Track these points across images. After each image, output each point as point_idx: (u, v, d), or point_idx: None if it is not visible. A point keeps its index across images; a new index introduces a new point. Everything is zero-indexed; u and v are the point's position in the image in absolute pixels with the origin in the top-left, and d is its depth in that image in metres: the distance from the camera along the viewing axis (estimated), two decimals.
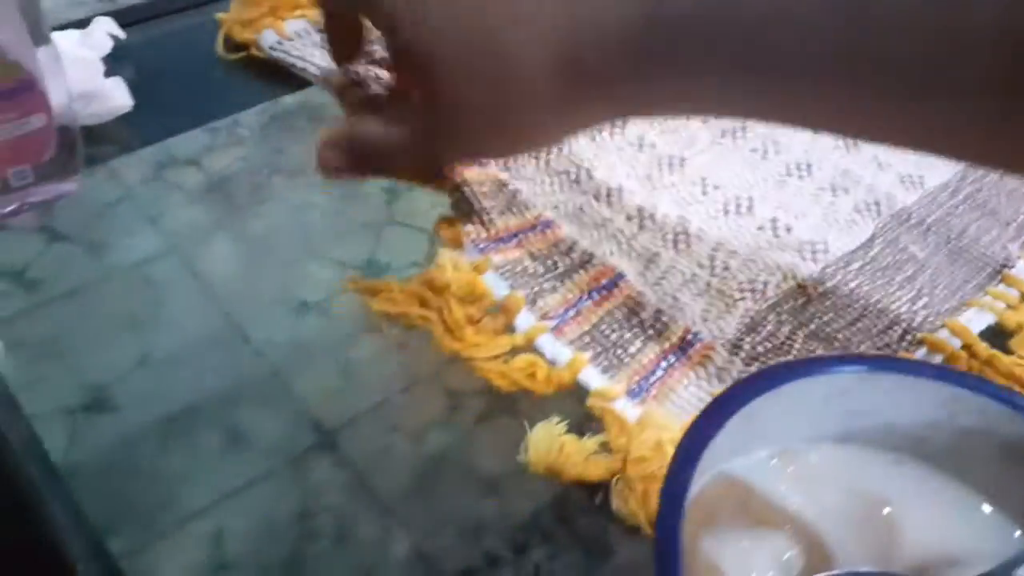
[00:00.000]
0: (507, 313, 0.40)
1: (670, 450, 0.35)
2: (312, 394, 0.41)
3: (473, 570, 0.35)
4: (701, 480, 0.27)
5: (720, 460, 0.27)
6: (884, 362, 0.27)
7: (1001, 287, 0.46)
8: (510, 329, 0.40)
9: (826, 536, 0.26)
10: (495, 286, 0.41)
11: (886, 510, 0.27)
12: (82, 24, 0.53)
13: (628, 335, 0.41)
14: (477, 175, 0.46)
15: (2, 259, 0.45)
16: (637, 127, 0.52)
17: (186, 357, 0.42)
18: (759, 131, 0.53)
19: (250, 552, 0.36)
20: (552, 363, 0.39)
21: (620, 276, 0.44)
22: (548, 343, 0.39)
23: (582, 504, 0.36)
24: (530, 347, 0.39)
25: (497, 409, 0.40)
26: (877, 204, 0.50)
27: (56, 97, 0.43)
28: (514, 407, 0.39)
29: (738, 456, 0.28)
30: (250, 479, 0.38)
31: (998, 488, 0.27)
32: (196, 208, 0.49)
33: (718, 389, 0.38)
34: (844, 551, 0.26)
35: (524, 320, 0.40)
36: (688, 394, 0.39)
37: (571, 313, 0.42)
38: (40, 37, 0.42)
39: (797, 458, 0.28)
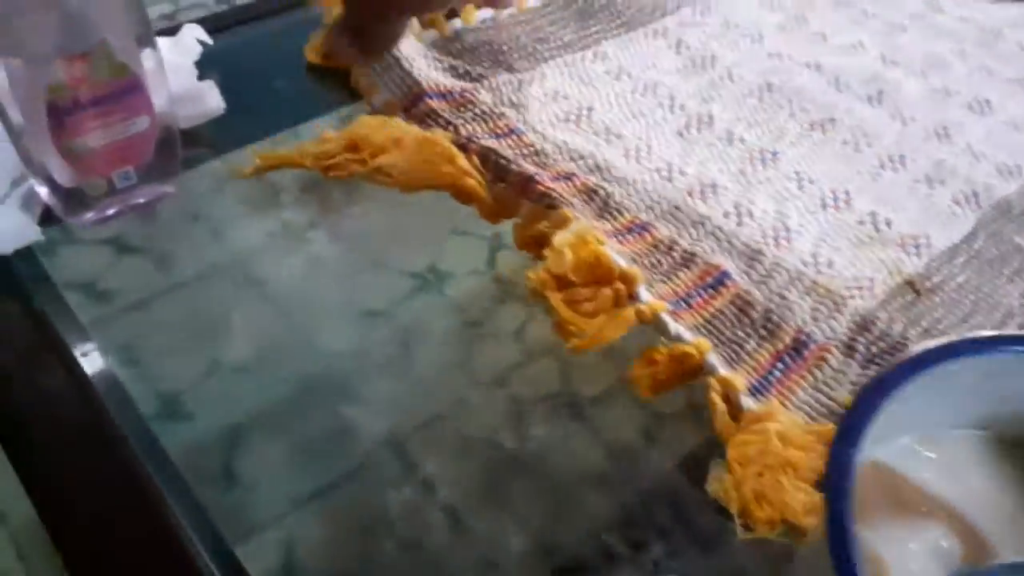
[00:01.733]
0: (628, 283, 0.39)
1: (776, 440, 0.34)
2: (381, 400, 0.41)
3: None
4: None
5: (866, 447, 0.26)
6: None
7: None
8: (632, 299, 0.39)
9: (980, 525, 0.26)
10: (617, 261, 0.41)
11: None
12: (172, 31, 0.54)
13: (741, 334, 0.40)
14: (565, 188, 0.45)
15: (73, 271, 0.46)
16: (724, 122, 0.52)
17: (254, 366, 0.42)
18: (847, 123, 0.52)
19: (321, 560, 0.36)
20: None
21: (725, 274, 0.43)
22: (670, 323, 0.39)
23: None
24: (653, 321, 0.39)
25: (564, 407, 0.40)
26: (976, 195, 0.48)
27: (158, 99, 0.44)
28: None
29: (881, 442, 0.27)
30: (319, 487, 0.38)
31: None
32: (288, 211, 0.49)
33: (837, 393, 0.38)
34: (1000, 542, 0.25)
35: (645, 295, 0.40)
36: (807, 396, 0.38)
37: (683, 305, 0.41)
38: (145, 39, 0.42)
39: (940, 445, 0.27)
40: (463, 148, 0.46)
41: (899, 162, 0.50)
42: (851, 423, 0.23)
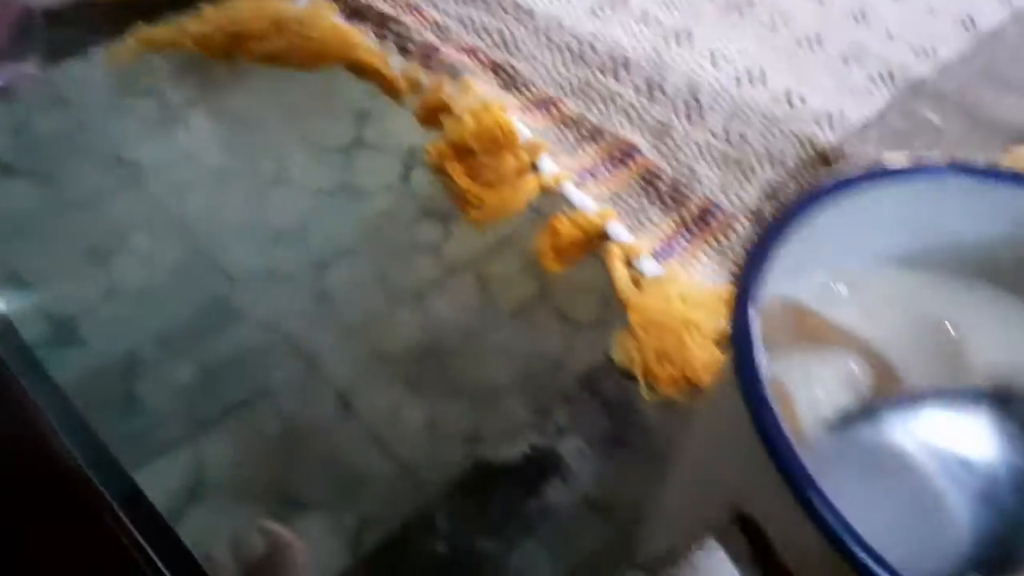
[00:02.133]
0: (530, 151, 0.37)
1: (677, 301, 0.33)
2: (283, 320, 0.38)
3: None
4: (765, 297, 0.25)
5: (776, 283, 0.25)
6: (955, 167, 0.25)
7: (1021, 150, 0.44)
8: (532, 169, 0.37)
9: (893, 356, 0.24)
10: (520, 130, 0.38)
11: (953, 333, 0.25)
12: None
13: (647, 204, 0.38)
14: (469, 62, 0.43)
15: None
16: (639, 3, 0.50)
17: (155, 288, 0.39)
18: (765, 4, 0.51)
19: (233, 476, 0.34)
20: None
21: (634, 149, 0.41)
22: (573, 192, 0.37)
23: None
24: (556, 191, 0.37)
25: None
26: (891, 75, 0.47)
27: None
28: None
29: (795, 279, 0.25)
30: (228, 407, 0.36)
31: None
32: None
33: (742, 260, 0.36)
34: (909, 372, 0.24)
35: (548, 164, 0.38)
36: (712, 262, 0.37)
37: (588, 178, 0.39)
38: None
39: (858, 282, 0.26)
40: (357, 16, 0.43)
41: (816, 42, 0.49)
42: (758, 244, 0.22)
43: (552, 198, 0.38)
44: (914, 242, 0.26)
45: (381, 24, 0.43)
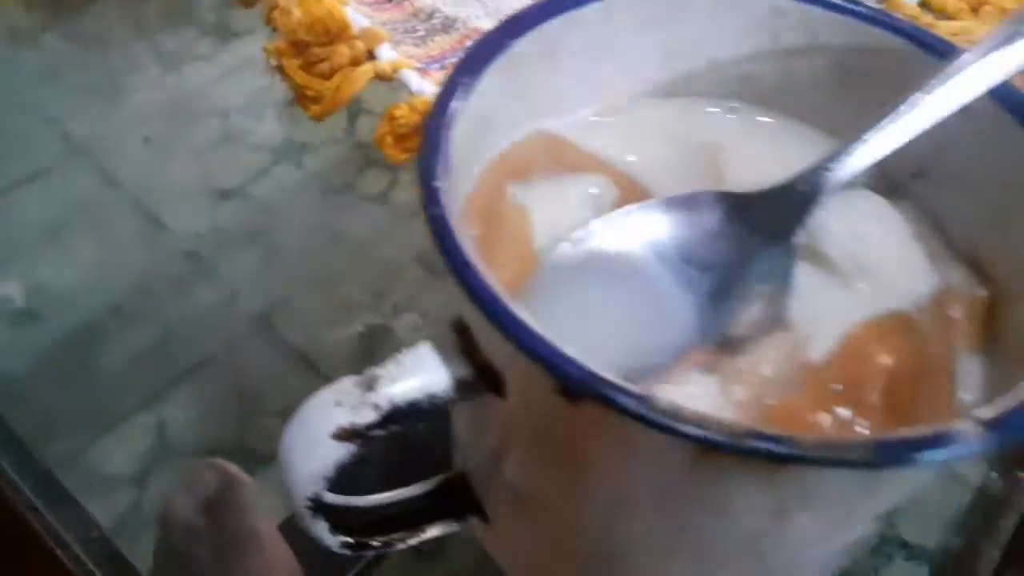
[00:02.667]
0: (368, 41, 0.37)
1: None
2: (236, 279, 0.39)
3: None
4: (513, 135, 0.25)
5: (534, 116, 0.25)
6: None
7: None
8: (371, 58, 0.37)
9: (644, 179, 0.24)
10: (355, 19, 0.38)
11: (714, 155, 0.25)
12: None
13: None
14: None
15: None
16: None
17: (106, 257, 0.40)
18: None
19: (194, 436, 0.34)
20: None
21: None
22: (413, 78, 0.37)
23: None
24: (393, 77, 0.37)
25: None
26: None
27: None
28: None
29: (557, 114, 0.25)
30: (186, 368, 0.36)
31: (832, 116, 0.25)
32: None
33: None
34: (662, 191, 0.24)
35: (387, 52, 0.38)
36: None
37: (435, 66, 0.39)
38: None
39: (622, 113, 0.26)
40: None
41: None
42: (454, 73, 0.22)
43: (396, 90, 0.38)
44: (672, 65, 0.26)
45: None
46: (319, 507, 0.20)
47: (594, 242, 0.22)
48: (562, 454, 0.19)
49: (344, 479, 0.22)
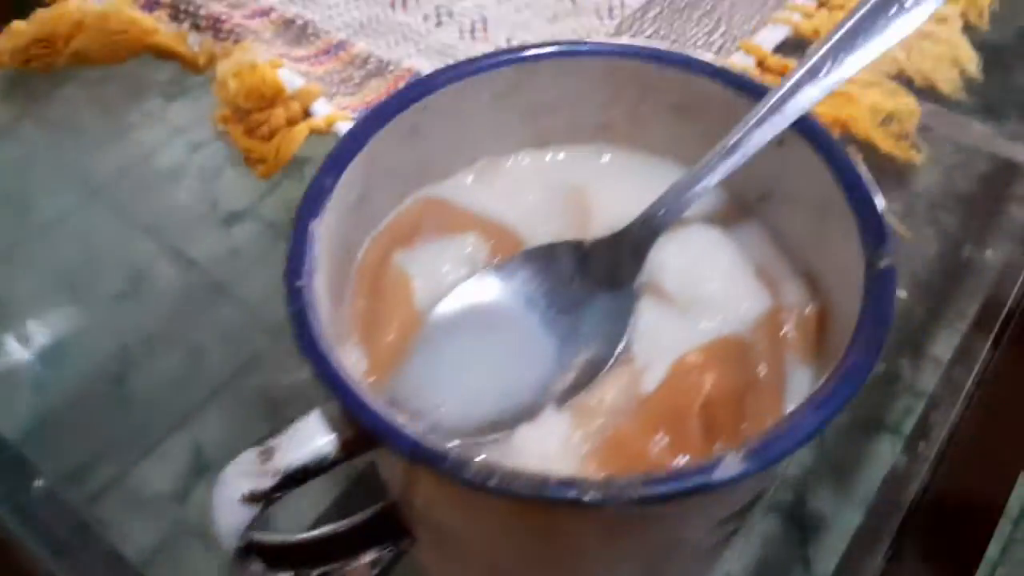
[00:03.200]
0: (302, 100, 0.41)
1: None
2: (255, 297, 0.42)
3: None
4: (397, 206, 0.28)
5: (414, 185, 0.28)
6: (531, 50, 0.27)
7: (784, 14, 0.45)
8: (308, 115, 0.41)
9: (519, 229, 0.27)
10: (289, 81, 0.42)
11: (581, 198, 0.28)
12: None
13: None
14: (260, 23, 0.46)
15: None
16: None
17: (127, 291, 0.43)
18: None
19: (228, 451, 0.37)
20: None
21: (418, 75, 0.44)
22: (347, 128, 0.40)
23: None
24: (328, 130, 0.40)
25: None
26: None
27: None
28: None
29: (437, 180, 0.28)
30: (215, 388, 0.39)
31: (680, 148, 0.28)
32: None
33: None
34: (537, 240, 0.27)
35: (322, 107, 0.41)
36: None
37: None
38: None
39: (499, 168, 0.29)
40: (155, 3, 0.46)
41: None
42: (341, 145, 0.25)
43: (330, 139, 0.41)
44: (537, 122, 0.28)
45: (175, 7, 0.46)
46: (248, 553, 0.24)
47: (467, 299, 0.25)
48: (434, 498, 0.23)
49: None
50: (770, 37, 0.43)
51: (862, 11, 0.26)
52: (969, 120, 0.44)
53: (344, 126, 0.41)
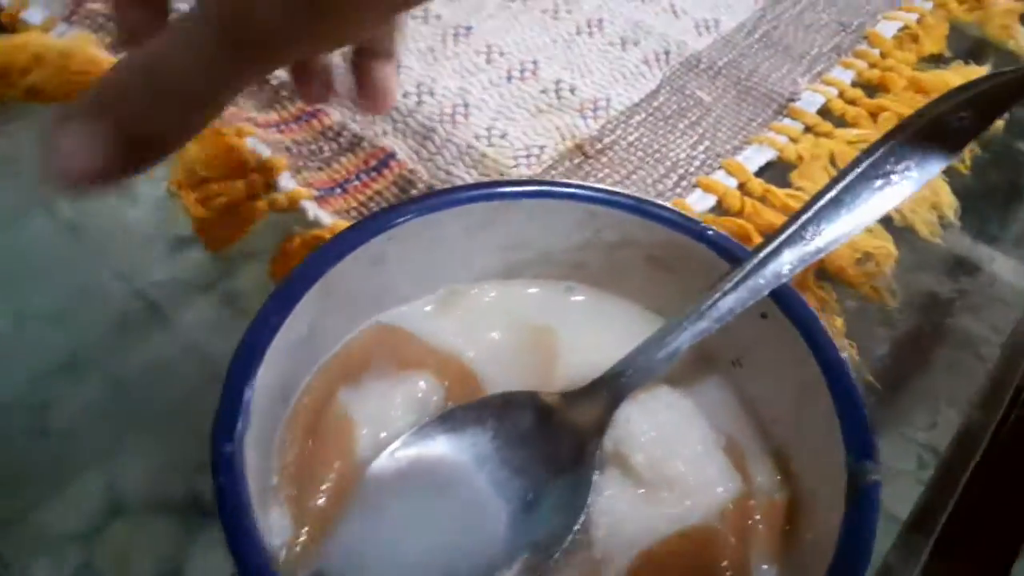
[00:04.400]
0: (266, 173, 0.39)
1: None
2: (194, 328, 0.39)
3: None
4: (347, 334, 0.26)
5: (368, 313, 0.26)
6: (510, 187, 0.26)
7: (786, 121, 0.45)
8: (270, 189, 0.39)
9: (479, 369, 0.26)
10: (257, 149, 0.40)
11: (548, 338, 0.26)
12: None
13: None
14: None
15: None
16: None
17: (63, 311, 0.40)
18: None
19: (146, 493, 0.35)
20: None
21: (391, 156, 0.42)
22: (310, 208, 0.38)
23: None
24: (293, 209, 0.38)
25: None
26: (667, 53, 0.48)
27: None
28: None
29: (393, 306, 0.27)
30: (141, 422, 0.36)
31: (653, 296, 0.26)
32: None
33: None
34: (496, 381, 0.25)
35: (286, 182, 0.39)
36: None
37: (338, 191, 0.40)
38: None
39: (461, 297, 0.27)
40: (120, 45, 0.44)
41: (596, 26, 0.49)
42: (284, 286, 0.23)
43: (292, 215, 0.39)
44: (508, 256, 0.27)
45: None
46: None
47: (412, 452, 0.23)
48: None
49: None
50: (754, 158, 0.42)
51: (848, 179, 0.25)
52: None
53: (308, 204, 0.39)
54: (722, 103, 0.45)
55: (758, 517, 0.23)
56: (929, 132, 0.25)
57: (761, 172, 0.42)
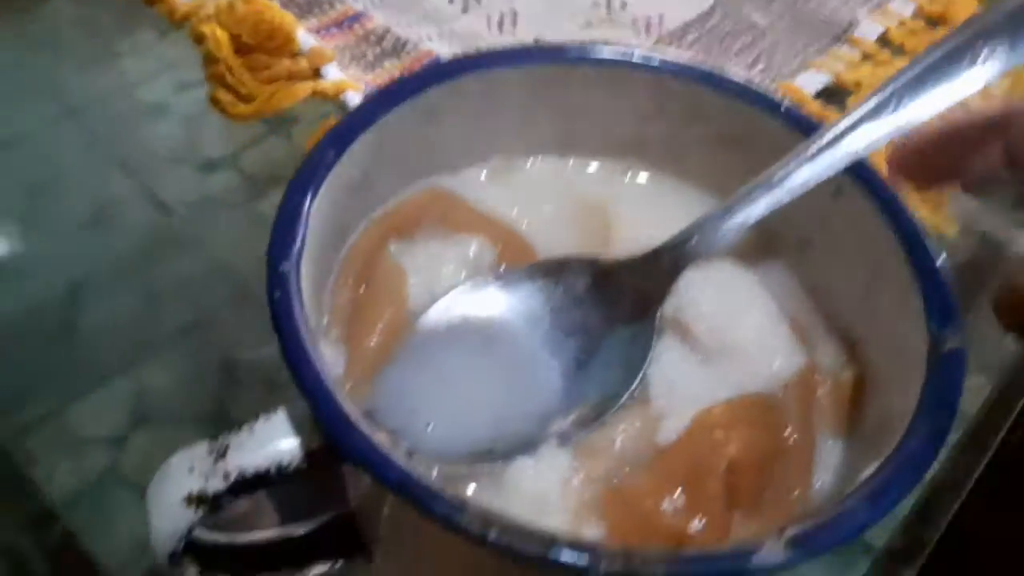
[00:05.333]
0: (313, 59, 0.38)
1: None
2: (224, 248, 0.39)
3: None
4: (399, 193, 0.25)
5: (421, 174, 0.25)
6: (579, 50, 0.24)
7: (844, 48, 0.43)
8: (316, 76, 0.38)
9: (530, 237, 0.25)
10: (303, 40, 0.39)
11: (602, 214, 0.25)
12: None
13: None
14: None
15: None
16: None
17: (96, 224, 0.40)
18: None
19: (172, 404, 0.34)
20: None
21: (436, 61, 0.41)
22: (355, 101, 0.37)
23: None
24: (335, 98, 0.37)
25: None
26: None
27: None
28: None
29: (447, 172, 0.26)
30: (168, 334, 0.37)
31: (716, 177, 0.25)
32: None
33: None
34: (550, 250, 0.24)
35: (333, 73, 0.38)
36: None
37: None
38: None
39: (516, 170, 0.26)
40: None
41: None
42: (335, 131, 0.22)
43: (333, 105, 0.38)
44: (566, 126, 0.26)
45: None
46: (184, 554, 0.21)
47: (464, 306, 0.23)
48: (406, 532, 0.20)
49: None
50: (812, 82, 0.41)
51: (932, 57, 0.23)
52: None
53: (353, 96, 0.38)
54: (778, 28, 0.44)
55: (823, 393, 0.22)
56: (1019, 17, 0.24)
57: (818, 97, 0.41)
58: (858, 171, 0.22)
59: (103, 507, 0.32)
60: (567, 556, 0.15)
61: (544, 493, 0.19)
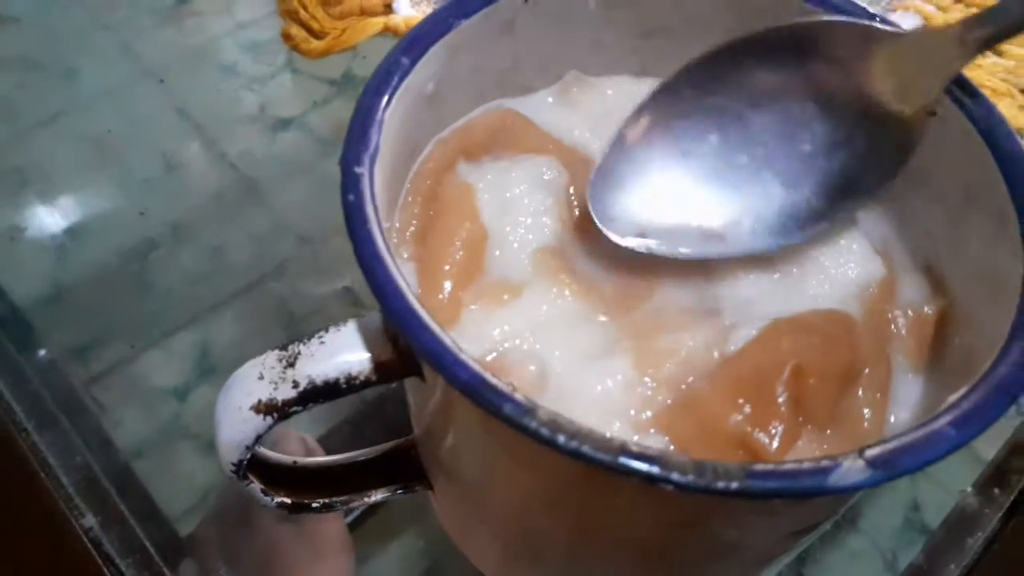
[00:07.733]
0: None
1: None
2: (290, 207, 0.40)
3: None
4: (468, 111, 0.25)
5: (491, 93, 0.25)
6: None
7: None
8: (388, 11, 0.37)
9: (600, 159, 0.24)
10: None
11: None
12: None
13: None
14: None
15: None
16: None
17: (167, 181, 0.41)
18: None
19: (236, 357, 0.36)
20: None
21: None
22: None
23: None
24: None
25: None
26: None
27: None
28: None
29: (517, 91, 0.25)
30: (234, 291, 0.38)
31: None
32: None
33: None
34: None
35: (405, 9, 0.38)
36: None
37: None
38: None
39: (590, 90, 0.25)
40: None
41: None
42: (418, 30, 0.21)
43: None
44: (644, 49, 0.25)
45: None
46: (249, 469, 0.21)
47: (664, 107, 0.23)
48: (471, 446, 0.20)
49: None
50: (901, 23, 0.39)
51: None
52: None
53: None
54: None
55: (904, 324, 0.21)
56: None
57: None
58: (957, 87, 0.21)
59: (166, 457, 0.32)
60: (638, 464, 0.15)
61: (605, 399, 0.19)
